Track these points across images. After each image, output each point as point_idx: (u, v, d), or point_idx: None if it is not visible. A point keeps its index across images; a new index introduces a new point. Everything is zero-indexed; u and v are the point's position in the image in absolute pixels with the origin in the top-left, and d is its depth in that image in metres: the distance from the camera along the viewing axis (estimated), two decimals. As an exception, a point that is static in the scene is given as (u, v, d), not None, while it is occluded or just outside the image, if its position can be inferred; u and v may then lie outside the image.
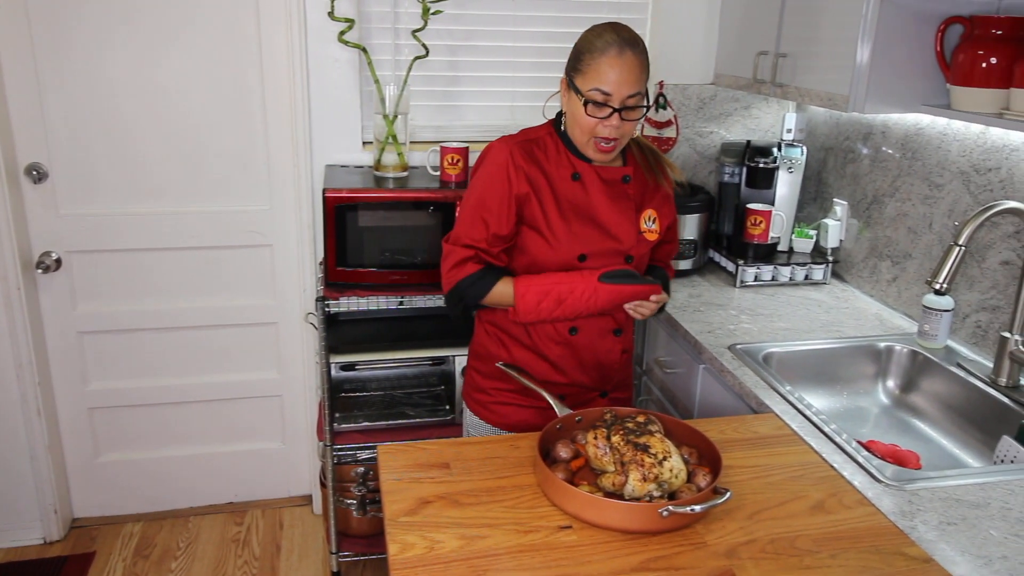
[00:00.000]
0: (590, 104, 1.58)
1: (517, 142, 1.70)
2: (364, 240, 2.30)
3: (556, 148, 1.70)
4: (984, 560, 1.23)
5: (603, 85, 1.56)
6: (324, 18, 2.41)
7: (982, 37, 1.77)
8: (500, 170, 1.66)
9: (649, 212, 1.76)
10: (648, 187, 1.77)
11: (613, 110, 1.58)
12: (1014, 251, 1.88)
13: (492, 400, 1.83)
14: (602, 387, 1.83)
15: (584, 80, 1.59)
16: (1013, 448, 1.62)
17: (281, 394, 2.83)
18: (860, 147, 2.40)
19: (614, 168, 1.72)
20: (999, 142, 1.91)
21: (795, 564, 1.21)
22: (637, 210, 1.74)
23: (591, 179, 1.70)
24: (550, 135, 1.72)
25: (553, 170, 1.69)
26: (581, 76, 1.59)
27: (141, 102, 2.44)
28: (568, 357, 1.76)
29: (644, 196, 1.76)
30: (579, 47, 1.62)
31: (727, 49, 2.59)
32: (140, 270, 2.60)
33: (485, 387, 1.84)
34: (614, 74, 1.56)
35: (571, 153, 1.70)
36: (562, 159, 1.70)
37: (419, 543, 1.23)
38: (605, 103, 1.58)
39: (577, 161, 1.69)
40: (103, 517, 2.82)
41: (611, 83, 1.56)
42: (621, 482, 1.30)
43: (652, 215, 1.76)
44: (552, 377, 1.77)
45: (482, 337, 1.85)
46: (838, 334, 2.08)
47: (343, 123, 2.55)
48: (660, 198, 1.79)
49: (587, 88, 1.58)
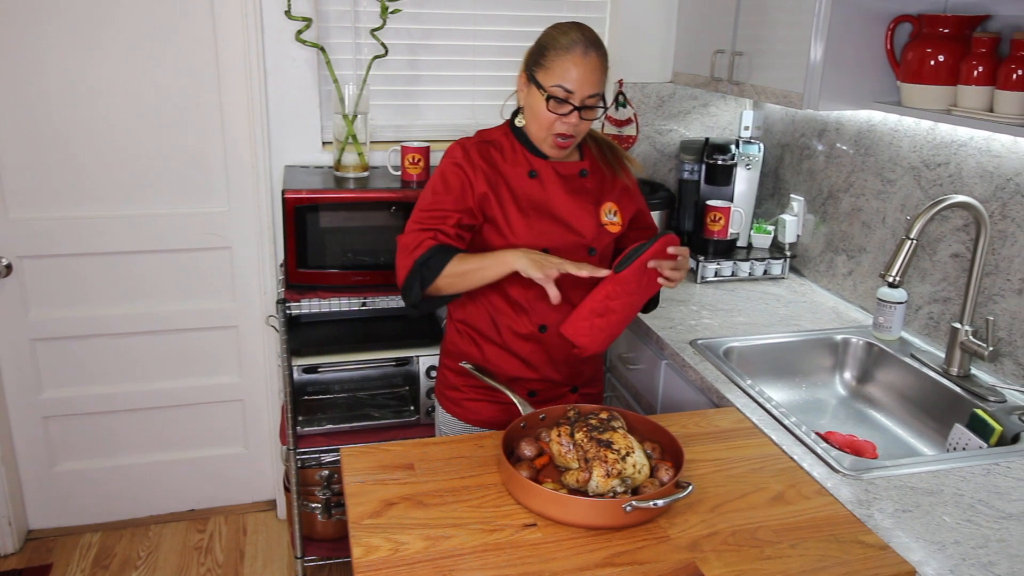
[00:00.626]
0: (552, 100, 1.60)
1: (474, 142, 1.72)
2: (325, 241, 2.28)
3: (512, 147, 1.72)
4: (938, 545, 1.27)
5: (566, 82, 1.58)
6: (281, 17, 2.38)
7: (930, 35, 1.81)
8: (457, 169, 1.68)
9: (609, 205, 1.77)
10: (607, 180, 1.79)
11: (574, 107, 1.60)
12: (963, 244, 1.93)
13: (464, 397, 1.84)
14: (573, 383, 1.84)
15: (547, 76, 1.60)
16: (965, 436, 1.66)
17: (243, 398, 2.79)
18: (815, 144, 2.45)
19: (571, 163, 1.73)
20: (948, 138, 1.96)
21: (756, 555, 1.23)
22: (596, 203, 1.75)
23: (548, 175, 1.71)
24: (506, 135, 1.74)
25: (510, 169, 1.70)
26: (544, 71, 1.60)
27: (94, 103, 2.39)
28: (538, 353, 1.77)
29: (603, 189, 1.77)
30: (543, 43, 1.63)
31: (685, 48, 2.62)
32: (95, 275, 2.55)
33: (457, 384, 1.85)
34: (577, 72, 1.57)
35: (527, 151, 1.71)
36: (519, 157, 1.71)
37: (384, 545, 1.22)
38: (567, 100, 1.59)
39: (534, 158, 1.71)
40: (60, 528, 2.75)
41: (574, 81, 1.58)
42: (585, 479, 1.30)
43: (612, 208, 1.78)
44: (523, 374, 1.78)
45: (453, 336, 1.86)
46: (796, 328, 2.12)
47: (302, 123, 2.52)
48: (619, 190, 1.80)
49: (550, 84, 1.59)
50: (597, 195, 1.76)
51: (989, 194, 1.85)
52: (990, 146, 1.84)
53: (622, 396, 2.35)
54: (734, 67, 2.26)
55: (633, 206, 1.84)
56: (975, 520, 1.33)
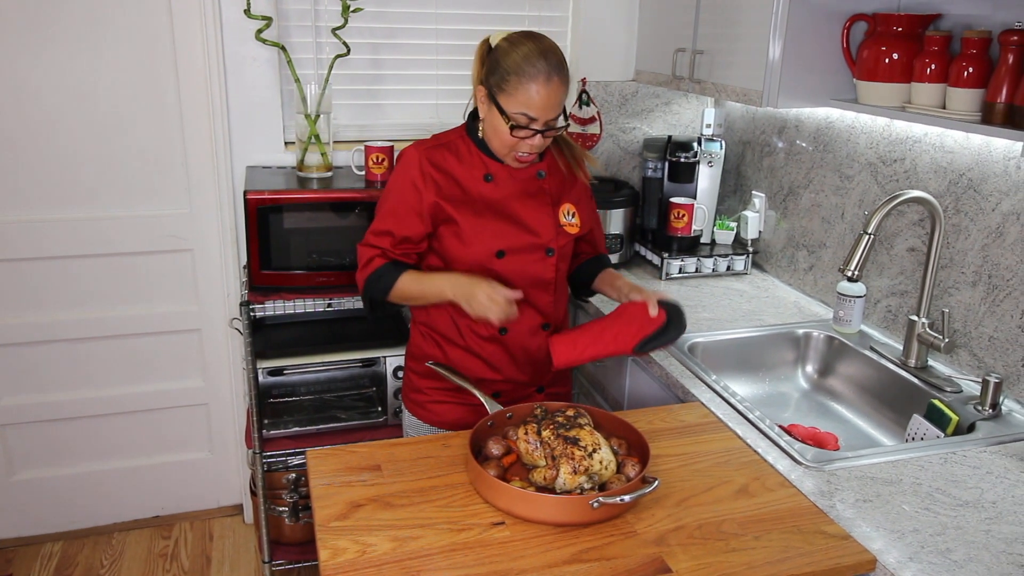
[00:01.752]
0: (515, 127, 1.59)
1: (427, 147, 1.71)
2: (289, 242, 2.25)
3: (468, 150, 1.71)
4: (897, 534, 1.29)
5: (530, 110, 1.57)
6: (240, 16, 2.35)
7: (884, 34, 1.85)
8: (408, 180, 1.68)
9: (568, 206, 1.77)
10: (566, 181, 1.79)
11: (535, 132, 1.60)
12: (919, 238, 1.98)
13: (428, 399, 1.83)
14: (538, 382, 1.85)
15: (509, 102, 1.58)
16: (923, 426, 1.70)
17: (207, 402, 2.75)
18: (775, 141, 2.48)
19: None
20: (903, 134, 2.00)
21: (721, 548, 1.25)
22: (555, 204, 1.75)
23: (503, 178, 1.71)
24: (462, 138, 1.72)
25: (465, 172, 1.69)
26: (506, 96, 1.58)
27: (47, 103, 2.34)
28: (500, 354, 1.77)
29: (562, 190, 1.77)
30: (505, 67, 1.57)
31: (647, 46, 2.64)
32: (53, 278, 2.50)
33: (421, 387, 1.84)
34: (541, 100, 1.56)
35: (484, 154, 1.70)
36: (474, 160, 1.70)
37: (351, 547, 1.22)
38: (529, 126, 1.59)
39: (490, 162, 1.70)
40: (20, 538, 2.69)
41: (537, 108, 1.57)
42: (552, 476, 1.31)
43: (571, 209, 1.78)
44: (487, 375, 1.78)
45: (417, 338, 1.85)
46: (759, 323, 2.15)
47: (264, 123, 2.49)
48: (579, 190, 1.81)
49: (513, 110, 1.58)
50: (556, 196, 1.76)
51: (943, 189, 1.89)
52: (943, 142, 1.88)
53: (589, 393, 2.36)
54: (695, 65, 2.29)
55: (591, 205, 1.85)
56: (933, 508, 1.36)
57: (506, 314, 1.57)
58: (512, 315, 1.58)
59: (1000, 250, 1.76)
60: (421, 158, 1.69)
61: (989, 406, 1.68)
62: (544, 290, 1.75)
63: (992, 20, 1.71)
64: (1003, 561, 1.24)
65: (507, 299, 1.57)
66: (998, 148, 1.74)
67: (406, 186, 1.68)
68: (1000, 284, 1.76)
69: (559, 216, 1.75)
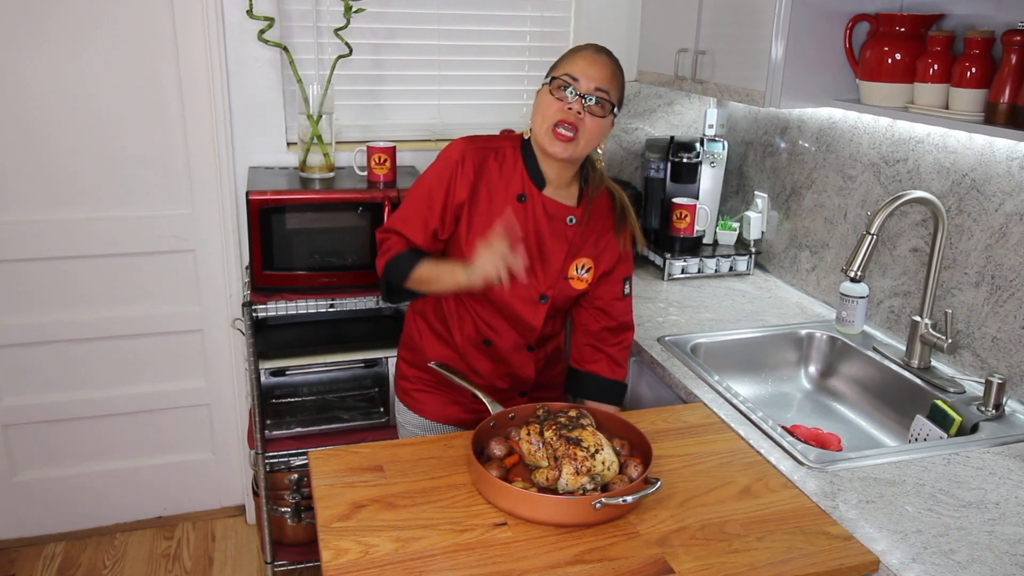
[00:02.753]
0: (556, 83, 1.57)
1: (477, 147, 1.66)
2: (291, 243, 2.25)
3: (514, 163, 1.66)
4: (900, 535, 1.29)
5: (573, 71, 1.57)
6: (243, 16, 2.35)
7: (887, 34, 1.85)
8: (445, 172, 1.65)
9: (583, 260, 1.71)
10: (591, 237, 1.71)
11: (578, 94, 1.56)
12: (922, 238, 1.97)
13: (413, 387, 1.85)
14: (520, 389, 1.84)
15: (556, 70, 1.60)
16: (926, 427, 1.70)
17: (209, 403, 2.75)
18: (778, 141, 2.48)
19: (563, 205, 1.67)
20: (906, 134, 2.00)
21: (724, 548, 1.25)
22: (571, 254, 1.69)
23: (535, 206, 1.65)
24: (513, 148, 1.68)
25: (502, 184, 1.65)
26: (554, 69, 1.61)
27: (51, 104, 2.34)
28: (484, 360, 1.77)
29: (584, 244, 1.70)
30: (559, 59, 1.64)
31: (649, 46, 2.64)
32: (56, 279, 2.50)
33: (408, 375, 1.86)
34: (585, 63, 1.57)
35: (527, 173, 1.66)
36: (515, 176, 1.66)
37: (353, 548, 1.22)
38: (570, 86, 1.56)
39: (529, 184, 1.65)
40: (22, 538, 2.69)
41: (580, 70, 1.57)
42: (555, 477, 1.31)
43: (586, 264, 1.71)
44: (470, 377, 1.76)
45: (409, 327, 1.87)
46: (762, 323, 2.15)
47: (266, 124, 2.49)
48: (603, 249, 1.72)
49: (558, 73, 1.59)
50: (576, 246, 1.70)
51: (946, 189, 1.89)
52: (946, 142, 1.88)
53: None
54: (697, 66, 2.28)
55: (612, 263, 1.74)
56: (936, 509, 1.36)
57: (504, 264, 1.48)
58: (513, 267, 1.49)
59: (1003, 251, 1.75)
60: (466, 155, 1.65)
61: (992, 407, 1.68)
62: (529, 332, 1.74)
63: (995, 20, 1.71)
64: (1006, 562, 1.23)
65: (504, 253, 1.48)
66: (1001, 148, 1.74)
67: (443, 177, 1.65)
68: (1003, 285, 1.76)
69: (570, 268, 1.70)
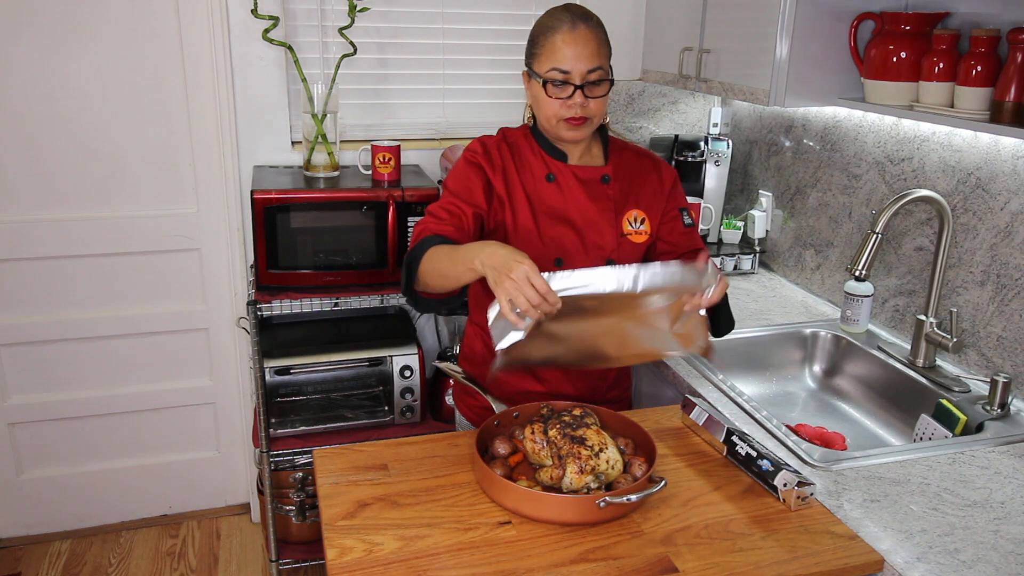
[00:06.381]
0: (550, 84, 1.52)
1: (495, 142, 1.64)
2: (296, 241, 2.26)
3: (531, 150, 1.64)
4: (905, 534, 1.29)
5: (560, 63, 1.50)
6: (247, 15, 2.36)
7: (892, 32, 1.84)
8: (474, 161, 1.61)
9: (635, 213, 1.66)
10: (633, 186, 1.67)
11: (575, 87, 1.51)
12: (927, 237, 1.97)
13: (480, 404, 1.74)
14: (590, 398, 1.71)
15: (541, 63, 1.53)
16: (931, 426, 1.69)
17: (214, 401, 2.76)
18: (783, 140, 2.47)
19: (592, 168, 1.64)
20: (911, 133, 1.99)
21: (728, 547, 1.25)
22: (618, 211, 1.64)
23: (567, 179, 1.62)
24: (525, 136, 1.65)
25: (528, 172, 1.62)
26: (537, 60, 1.54)
27: (56, 103, 2.35)
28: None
29: (628, 196, 1.66)
30: (533, 32, 1.56)
31: (653, 45, 2.64)
32: (62, 278, 2.51)
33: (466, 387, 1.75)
34: (569, 50, 1.49)
35: (546, 152, 1.63)
36: (537, 160, 1.63)
37: (358, 546, 1.22)
38: (565, 81, 1.51)
39: (552, 161, 1.62)
40: (28, 536, 2.71)
41: (567, 60, 1.49)
42: (559, 475, 1.31)
43: (639, 215, 1.66)
44: (534, 387, 1.69)
45: (469, 337, 1.78)
46: (766, 322, 2.14)
47: (271, 123, 2.50)
48: (650, 194, 1.68)
49: (545, 70, 1.52)
50: (620, 202, 1.65)
51: (951, 188, 1.88)
52: (952, 141, 1.87)
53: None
54: (702, 64, 2.28)
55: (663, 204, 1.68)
56: (941, 508, 1.36)
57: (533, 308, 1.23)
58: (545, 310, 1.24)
59: (1009, 249, 1.75)
60: (490, 149, 1.62)
61: (997, 406, 1.67)
62: None
63: (1001, 19, 1.71)
64: (1012, 562, 1.23)
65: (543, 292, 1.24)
66: (1007, 147, 1.74)
67: (473, 161, 1.60)
68: (1009, 283, 1.75)
69: (623, 224, 1.65)
